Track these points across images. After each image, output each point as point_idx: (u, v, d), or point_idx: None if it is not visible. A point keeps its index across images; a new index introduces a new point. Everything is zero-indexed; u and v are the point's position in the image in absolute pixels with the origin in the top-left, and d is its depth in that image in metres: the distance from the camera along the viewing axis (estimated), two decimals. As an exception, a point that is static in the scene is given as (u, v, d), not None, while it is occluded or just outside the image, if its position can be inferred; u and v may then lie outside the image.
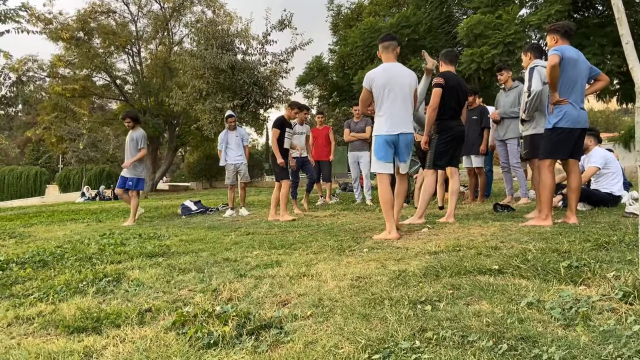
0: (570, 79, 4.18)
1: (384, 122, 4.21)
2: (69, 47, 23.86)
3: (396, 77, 4.21)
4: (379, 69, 4.26)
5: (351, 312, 2.08)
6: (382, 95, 4.19)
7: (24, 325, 2.26)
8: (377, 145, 4.26)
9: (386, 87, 4.16)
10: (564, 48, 4.18)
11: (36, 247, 4.68)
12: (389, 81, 4.17)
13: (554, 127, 4.24)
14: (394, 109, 4.19)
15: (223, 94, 14.61)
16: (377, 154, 4.25)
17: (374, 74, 4.24)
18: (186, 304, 2.45)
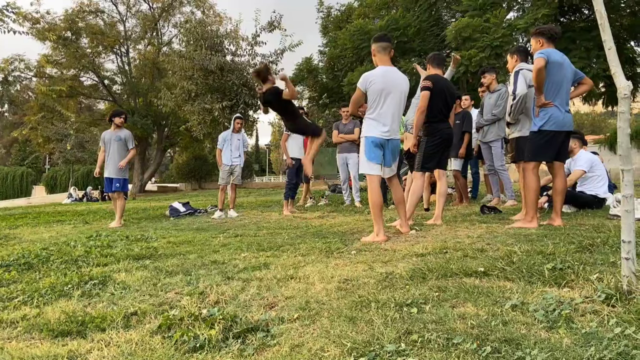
0: (556, 82, 4.23)
1: (377, 125, 4.19)
2: (56, 46, 23.63)
3: (394, 82, 4.19)
4: (378, 72, 4.20)
5: (338, 315, 2.09)
6: (378, 99, 4.15)
7: (8, 329, 2.23)
8: (368, 147, 4.21)
9: (384, 91, 4.14)
10: (550, 51, 4.23)
11: (21, 249, 4.63)
12: (387, 86, 4.14)
13: (540, 130, 4.28)
14: (388, 114, 4.18)
15: (212, 95, 14.57)
16: (367, 155, 4.21)
17: (373, 77, 4.17)
18: (172, 307, 2.43)
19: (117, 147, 7.50)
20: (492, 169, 6.82)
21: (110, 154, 7.51)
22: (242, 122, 8.42)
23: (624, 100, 1.96)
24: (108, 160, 7.55)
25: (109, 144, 7.56)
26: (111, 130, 7.62)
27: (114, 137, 7.54)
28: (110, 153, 7.52)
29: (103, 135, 7.69)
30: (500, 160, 6.67)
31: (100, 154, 7.73)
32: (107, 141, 7.56)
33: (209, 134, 16.07)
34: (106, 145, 7.56)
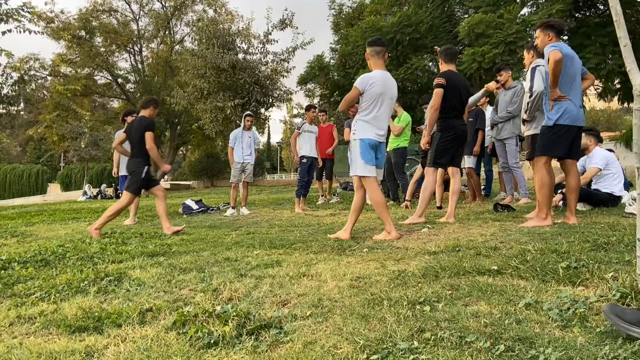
0: (570, 76, 4.16)
1: (372, 127, 4.20)
2: (70, 45, 23.92)
3: (390, 87, 4.25)
4: (378, 74, 4.22)
5: (350, 313, 2.10)
6: (375, 101, 4.17)
7: (26, 325, 2.28)
8: (364, 148, 4.20)
9: (382, 94, 4.17)
10: (561, 45, 4.16)
11: (38, 246, 4.70)
12: (385, 89, 4.18)
13: (555, 125, 4.18)
14: (384, 117, 4.23)
15: (224, 93, 14.62)
16: (364, 157, 4.19)
17: (374, 79, 4.18)
18: (187, 303, 2.46)
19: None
20: (506, 166, 6.77)
21: None
22: (253, 119, 8.45)
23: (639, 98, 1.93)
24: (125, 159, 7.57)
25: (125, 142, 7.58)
26: None
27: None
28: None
29: (118, 134, 7.69)
30: (515, 158, 6.61)
31: (115, 153, 7.73)
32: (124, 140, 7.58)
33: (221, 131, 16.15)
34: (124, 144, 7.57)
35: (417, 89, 16.37)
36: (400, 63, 16.01)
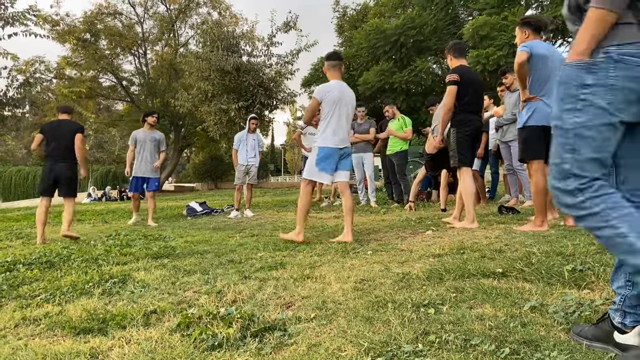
0: (541, 76, 4.05)
1: (332, 136, 4.38)
2: (75, 48, 24.04)
3: (346, 96, 4.43)
4: (333, 83, 4.42)
5: (354, 315, 2.10)
6: (332, 110, 4.35)
7: (31, 326, 2.28)
8: (323, 155, 4.38)
9: (338, 103, 4.35)
10: (534, 44, 4.04)
11: (43, 248, 4.73)
12: (341, 98, 4.37)
13: (524, 126, 4.09)
14: (341, 125, 4.40)
15: (228, 96, 14.67)
16: (318, 164, 4.37)
17: (330, 87, 4.39)
18: (191, 305, 2.46)
19: (152, 148, 7.46)
20: (511, 169, 6.75)
21: (145, 154, 7.42)
22: (257, 122, 8.46)
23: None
24: (141, 160, 7.43)
25: (143, 143, 7.44)
26: (145, 130, 7.55)
27: (149, 138, 7.48)
28: (144, 153, 7.42)
29: (135, 134, 7.54)
30: (520, 160, 6.58)
31: (129, 154, 7.55)
32: (142, 141, 7.45)
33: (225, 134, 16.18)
34: (139, 145, 7.45)
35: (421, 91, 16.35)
36: (405, 65, 16.01)
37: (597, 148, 1.46)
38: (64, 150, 5.74)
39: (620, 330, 1.57)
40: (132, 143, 7.52)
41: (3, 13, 9.83)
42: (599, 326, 1.66)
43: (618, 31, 1.43)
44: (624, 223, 1.41)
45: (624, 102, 1.43)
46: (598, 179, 1.47)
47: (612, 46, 1.44)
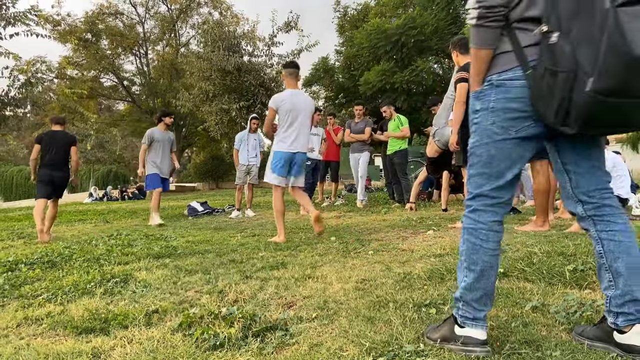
0: None
1: (285, 141, 4.68)
2: (77, 48, 24.07)
3: (300, 104, 4.70)
4: (287, 93, 4.73)
5: (356, 315, 2.10)
6: (286, 117, 4.66)
7: (33, 326, 2.29)
8: (276, 160, 4.70)
9: (291, 111, 4.65)
10: None
11: (45, 247, 4.73)
12: (294, 106, 4.66)
13: None
14: (295, 131, 4.69)
15: (229, 96, 14.67)
16: (273, 168, 4.70)
17: (283, 97, 4.69)
18: (192, 305, 2.47)
19: (168, 148, 7.42)
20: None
21: (163, 154, 7.34)
22: (259, 122, 8.46)
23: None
24: (162, 161, 7.31)
25: (162, 143, 7.34)
26: (161, 130, 7.45)
27: (167, 138, 7.42)
28: (163, 153, 7.32)
29: (152, 133, 7.34)
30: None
31: (143, 152, 7.31)
32: (161, 141, 7.33)
33: (226, 134, 16.18)
34: (158, 144, 7.30)
35: (422, 91, 16.34)
36: (405, 65, 16.00)
37: (485, 164, 1.67)
38: (61, 160, 6.25)
39: (620, 330, 1.59)
40: (148, 142, 7.28)
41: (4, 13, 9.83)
42: (600, 326, 1.67)
43: (497, 61, 1.62)
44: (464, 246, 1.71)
45: (508, 121, 1.61)
46: (480, 195, 1.69)
47: (494, 74, 1.63)
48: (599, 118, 1.44)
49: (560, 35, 1.45)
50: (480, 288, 1.66)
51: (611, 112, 1.42)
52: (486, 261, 1.66)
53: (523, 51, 1.57)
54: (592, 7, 1.37)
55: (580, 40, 1.40)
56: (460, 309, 1.70)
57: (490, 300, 1.70)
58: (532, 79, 1.54)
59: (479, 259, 1.66)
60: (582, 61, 1.39)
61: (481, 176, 1.68)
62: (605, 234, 1.66)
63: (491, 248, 1.67)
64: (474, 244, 1.68)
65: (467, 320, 1.67)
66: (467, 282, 1.68)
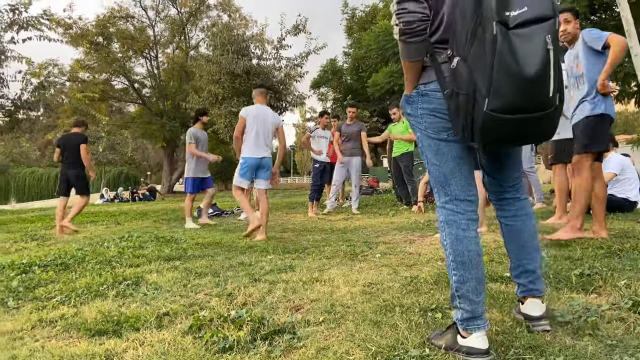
0: None
1: (252, 148, 5.32)
2: (88, 51, 24.34)
3: (263, 116, 5.40)
4: (254, 106, 5.52)
5: (362, 319, 2.13)
6: (252, 127, 5.32)
7: (47, 328, 2.34)
8: (242, 166, 5.36)
9: (255, 121, 5.33)
10: None
11: (57, 249, 4.81)
12: (259, 117, 5.36)
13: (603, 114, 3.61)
14: (259, 138, 5.32)
15: (238, 99, 14.77)
16: (240, 172, 5.36)
17: (251, 108, 5.48)
18: (202, 308, 2.51)
19: (206, 147, 7.47)
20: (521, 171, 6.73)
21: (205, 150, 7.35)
22: None
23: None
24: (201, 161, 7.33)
25: (202, 142, 7.31)
26: (200, 129, 7.41)
27: (205, 137, 7.45)
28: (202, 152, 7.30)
29: (196, 132, 7.28)
30: (530, 163, 6.56)
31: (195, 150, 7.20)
32: (202, 140, 7.33)
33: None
34: (199, 144, 7.27)
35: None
36: (414, 67, 15.98)
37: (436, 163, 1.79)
38: (73, 158, 7.03)
39: (520, 301, 1.93)
40: (194, 140, 7.20)
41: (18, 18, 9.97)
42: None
43: (425, 73, 1.75)
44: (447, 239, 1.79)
45: (436, 127, 1.73)
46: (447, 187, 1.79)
47: (421, 84, 1.76)
48: (498, 134, 1.56)
49: (459, 60, 1.57)
50: (472, 278, 1.72)
51: (508, 128, 1.53)
52: (471, 250, 1.72)
53: (440, 67, 1.68)
54: (483, 32, 1.47)
55: (476, 64, 1.50)
56: (458, 308, 1.73)
57: (484, 287, 1.77)
58: (446, 98, 1.66)
59: (464, 250, 1.72)
60: (478, 83, 1.50)
61: (440, 173, 1.78)
62: (504, 219, 1.98)
63: (473, 236, 1.74)
64: (457, 235, 1.74)
65: (469, 323, 1.69)
66: (459, 275, 1.73)
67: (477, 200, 1.79)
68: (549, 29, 1.45)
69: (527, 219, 1.94)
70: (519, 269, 1.93)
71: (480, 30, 1.48)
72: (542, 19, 1.45)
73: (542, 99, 1.49)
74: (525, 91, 1.46)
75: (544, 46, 1.44)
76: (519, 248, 1.93)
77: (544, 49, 1.44)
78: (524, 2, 1.44)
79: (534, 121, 1.53)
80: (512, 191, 1.95)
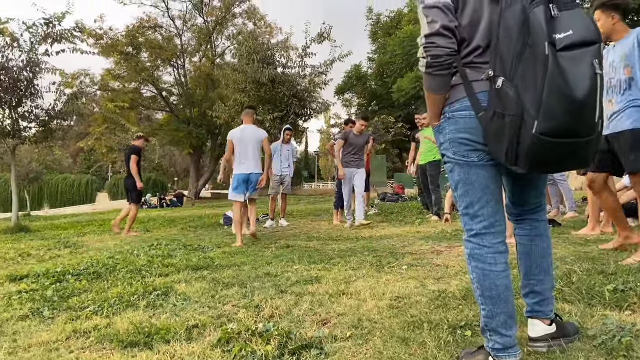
0: None
1: (239, 165, 5.99)
2: (119, 61, 24.98)
3: (248, 135, 6.01)
4: (239, 128, 6.17)
5: (390, 336, 2.12)
6: (239, 147, 6.00)
7: (82, 339, 2.41)
8: (234, 181, 6.01)
9: (242, 142, 5.99)
10: None
11: (90, 258, 4.94)
12: (243, 138, 6.00)
13: None
14: (246, 156, 5.96)
15: (264, 107, 14.89)
16: (233, 188, 6.03)
17: (236, 131, 6.13)
18: (230, 320, 2.55)
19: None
20: (552, 179, 6.59)
21: None
22: (292, 133, 8.58)
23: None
24: None
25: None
26: None
27: None
28: None
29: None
30: (560, 170, 6.41)
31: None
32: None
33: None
34: None
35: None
36: (439, 72, 15.84)
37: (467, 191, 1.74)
38: (127, 168, 8.09)
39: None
40: None
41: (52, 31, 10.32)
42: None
43: (451, 94, 1.70)
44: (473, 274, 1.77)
45: (465, 150, 1.68)
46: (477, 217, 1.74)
47: (446, 107, 1.71)
48: (546, 158, 1.52)
49: (505, 81, 1.52)
50: (501, 313, 1.68)
51: (556, 153, 1.50)
52: (499, 285, 1.69)
53: (472, 85, 1.65)
54: (533, 53, 1.44)
55: (524, 85, 1.47)
56: (489, 340, 1.71)
57: (515, 321, 1.72)
58: (484, 120, 1.60)
59: (491, 285, 1.69)
60: (527, 105, 1.46)
61: (467, 202, 1.73)
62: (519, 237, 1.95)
63: (501, 270, 1.70)
64: (484, 269, 1.70)
65: (500, 352, 1.67)
66: (487, 310, 1.70)
67: (504, 230, 1.75)
68: (595, 53, 1.42)
69: (540, 241, 1.91)
70: (527, 289, 1.92)
71: (528, 50, 1.45)
72: (588, 43, 1.42)
73: (591, 123, 1.46)
74: (576, 115, 1.42)
75: (593, 70, 1.41)
76: (528, 268, 1.91)
77: (592, 72, 1.41)
78: (569, 26, 1.42)
79: (581, 146, 1.49)
80: (530, 214, 1.93)
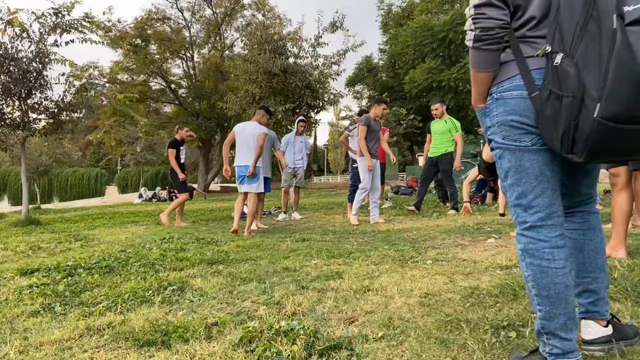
0: None
1: (238, 158, 6.28)
2: (127, 53, 24.89)
3: (248, 130, 6.29)
4: (243, 123, 6.49)
5: (427, 336, 1.96)
6: (238, 140, 6.32)
7: (95, 337, 2.27)
8: (237, 172, 6.31)
9: (241, 135, 6.29)
10: None
11: (101, 251, 4.83)
12: (243, 132, 6.31)
13: None
14: (242, 150, 6.25)
15: (275, 98, 14.70)
16: (237, 179, 6.33)
17: (239, 126, 6.45)
18: (251, 317, 2.41)
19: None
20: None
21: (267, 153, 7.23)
22: (306, 124, 8.40)
23: None
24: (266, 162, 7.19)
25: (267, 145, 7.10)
26: None
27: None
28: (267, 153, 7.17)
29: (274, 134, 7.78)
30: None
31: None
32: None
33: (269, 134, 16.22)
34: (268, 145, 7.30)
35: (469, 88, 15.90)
36: (453, 62, 15.60)
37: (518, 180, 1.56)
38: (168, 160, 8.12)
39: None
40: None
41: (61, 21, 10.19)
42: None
43: (499, 71, 1.55)
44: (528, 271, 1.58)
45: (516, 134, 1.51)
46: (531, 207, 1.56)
47: (493, 87, 1.56)
48: (608, 146, 1.32)
49: (564, 57, 1.34)
50: (560, 314, 1.50)
51: (621, 140, 1.30)
52: (558, 283, 1.49)
53: (525, 62, 1.48)
54: (598, 27, 1.26)
55: (586, 62, 1.29)
56: (546, 343, 1.53)
57: (576, 323, 1.54)
58: (538, 101, 1.44)
59: (549, 283, 1.50)
60: (588, 85, 1.27)
61: (520, 192, 1.56)
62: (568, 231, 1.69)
63: (560, 267, 1.51)
64: (540, 266, 1.51)
65: (559, 358, 1.50)
66: (544, 311, 1.51)
67: (563, 222, 1.56)
68: None
69: (592, 234, 1.72)
70: (579, 288, 1.71)
71: (593, 23, 1.27)
72: None
73: None
74: None
75: None
76: (580, 265, 1.71)
77: None
78: None
79: None
80: (582, 205, 1.73)
